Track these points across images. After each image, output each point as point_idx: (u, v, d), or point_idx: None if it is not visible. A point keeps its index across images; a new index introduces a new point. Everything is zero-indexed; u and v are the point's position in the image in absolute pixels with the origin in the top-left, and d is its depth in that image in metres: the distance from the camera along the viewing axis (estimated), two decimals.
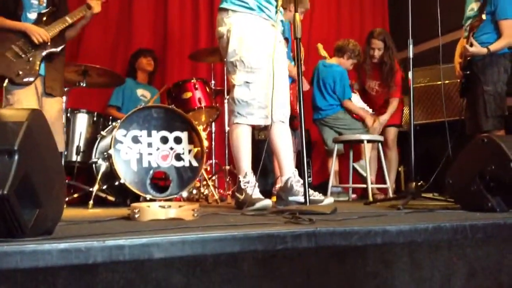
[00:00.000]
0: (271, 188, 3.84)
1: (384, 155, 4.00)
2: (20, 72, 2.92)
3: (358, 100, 4.39)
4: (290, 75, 3.05)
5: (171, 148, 3.28)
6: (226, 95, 4.03)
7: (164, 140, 3.28)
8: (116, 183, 3.18)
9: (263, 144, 2.71)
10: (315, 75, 4.41)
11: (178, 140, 3.31)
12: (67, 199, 3.12)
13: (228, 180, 3.96)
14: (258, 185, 2.54)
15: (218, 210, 2.43)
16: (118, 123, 3.22)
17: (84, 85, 3.50)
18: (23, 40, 2.99)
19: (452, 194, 2.27)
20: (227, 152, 4.10)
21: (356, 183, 4.21)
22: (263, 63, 2.57)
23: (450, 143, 2.74)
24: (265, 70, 2.57)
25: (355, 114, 4.30)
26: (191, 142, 3.33)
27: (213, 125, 4.23)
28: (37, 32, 2.99)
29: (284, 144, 2.67)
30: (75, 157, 3.62)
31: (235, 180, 2.72)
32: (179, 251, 1.16)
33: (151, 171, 3.19)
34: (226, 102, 4.05)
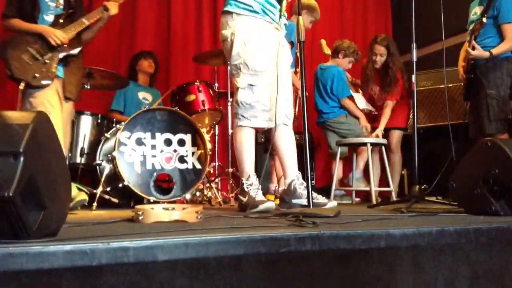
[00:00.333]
0: (266, 189, 3.86)
1: (388, 159, 3.99)
2: (37, 75, 2.86)
3: (361, 100, 4.39)
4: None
5: (175, 151, 3.29)
6: (229, 97, 4.04)
7: (168, 142, 3.28)
8: (120, 185, 3.19)
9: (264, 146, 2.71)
10: (315, 80, 4.44)
11: (181, 142, 3.32)
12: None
13: (231, 182, 3.96)
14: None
15: (222, 212, 2.42)
16: (122, 125, 3.23)
17: (88, 87, 3.50)
18: (40, 42, 2.94)
19: (456, 197, 2.27)
20: (230, 154, 4.11)
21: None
22: (267, 66, 2.58)
23: (454, 147, 2.74)
24: (269, 73, 2.58)
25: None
26: (194, 144, 3.34)
27: (216, 127, 4.24)
28: (54, 34, 2.93)
29: (288, 146, 2.68)
30: (79, 159, 3.63)
31: (238, 183, 2.72)
32: (183, 253, 1.16)
33: (155, 173, 3.20)
34: (229, 104, 4.06)
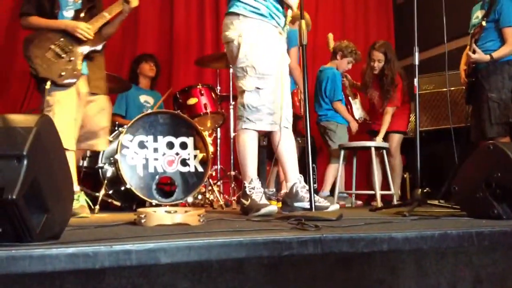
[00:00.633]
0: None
1: (388, 162, 4.00)
2: (63, 73, 2.73)
3: (358, 109, 4.41)
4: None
5: (177, 154, 3.30)
6: (231, 100, 4.04)
7: (170, 145, 3.29)
8: (122, 188, 3.20)
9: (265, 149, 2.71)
10: (315, 81, 4.47)
11: (184, 145, 3.32)
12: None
13: (233, 185, 3.96)
14: None
15: (224, 215, 2.42)
16: (125, 128, 3.24)
17: None
18: (63, 39, 2.80)
19: (458, 201, 2.26)
20: (232, 157, 4.11)
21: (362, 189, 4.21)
22: (273, 70, 2.58)
23: (456, 150, 2.73)
24: (274, 76, 2.58)
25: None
26: (196, 147, 3.35)
27: (218, 130, 4.24)
28: (79, 28, 2.78)
29: (289, 150, 2.67)
30: (81, 162, 3.64)
31: (240, 186, 2.72)
32: (185, 257, 1.16)
33: (157, 177, 3.20)
34: (231, 107, 4.06)
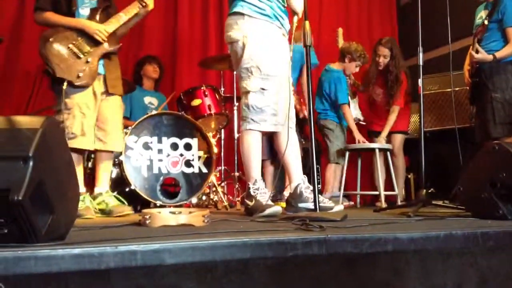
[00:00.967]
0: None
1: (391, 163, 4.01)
2: (80, 74, 2.70)
3: (355, 108, 4.39)
4: None
5: (181, 155, 3.30)
6: (235, 102, 4.05)
7: (174, 146, 3.30)
8: (127, 189, 3.20)
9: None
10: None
11: (188, 146, 3.33)
12: None
13: (237, 186, 3.96)
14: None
15: (228, 216, 2.42)
16: (129, 129, 3.24)
17: None
18: (80, 38, 2.76)
19: (463, 201, 2.26)
20: (236, 158, 4.11)
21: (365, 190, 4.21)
22: (278, 71, 2.58)
23: (461, 150, 2.73)
24: (278, 77, 2.58)
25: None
26: (200, 148, 3.35)
27: (222, 131, 4.24)
28: (98, 30, 2.77)
29: (293, 150, 2.67)
30: (85, 163, 3.64)
31: (244, 187, 2.72)
32: (190, 257, 1.16)
33: (161, 178, 3.21)
34: (235, 109, 4.06)
